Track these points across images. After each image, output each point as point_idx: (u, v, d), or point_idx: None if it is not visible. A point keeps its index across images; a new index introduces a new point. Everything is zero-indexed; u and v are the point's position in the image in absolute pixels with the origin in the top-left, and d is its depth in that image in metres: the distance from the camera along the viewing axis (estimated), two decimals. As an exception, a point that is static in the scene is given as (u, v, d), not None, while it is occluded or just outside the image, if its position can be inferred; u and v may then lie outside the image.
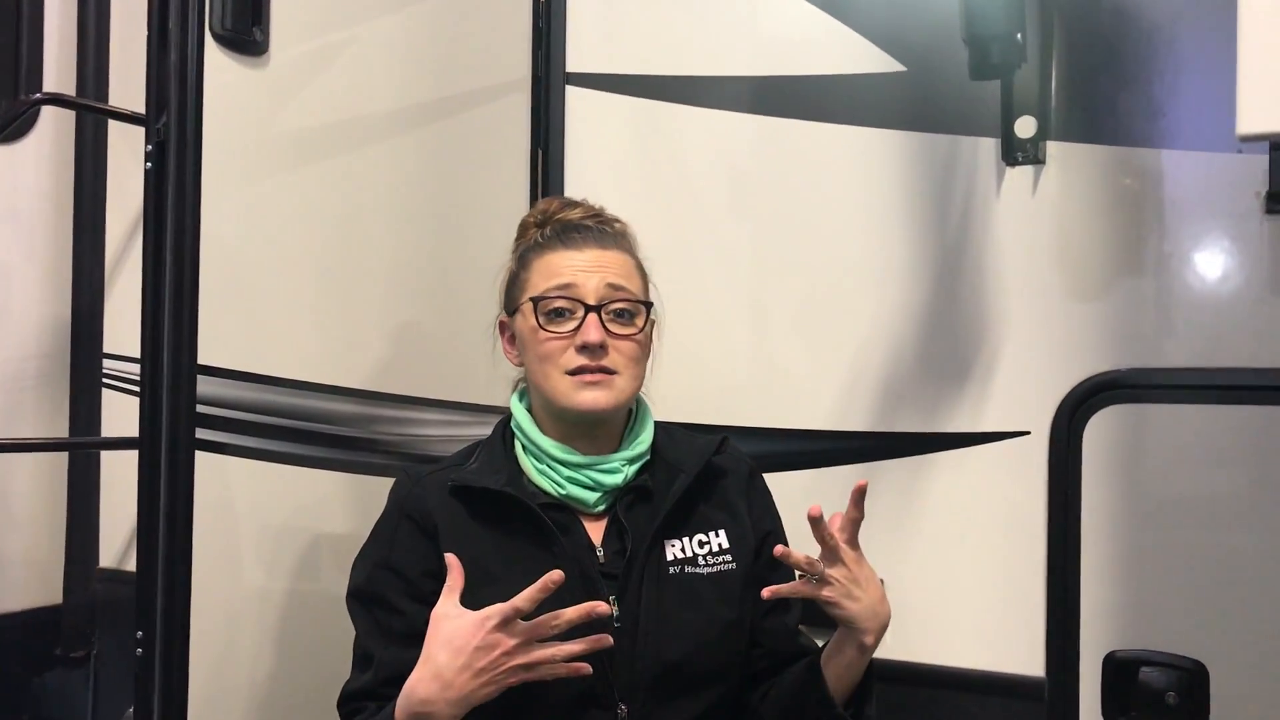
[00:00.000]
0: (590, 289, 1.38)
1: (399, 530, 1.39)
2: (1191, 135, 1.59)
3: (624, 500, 1.40)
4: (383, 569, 1.37)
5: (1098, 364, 1.63)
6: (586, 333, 1.36)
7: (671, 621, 1.34)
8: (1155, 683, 1.57)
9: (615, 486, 1.39)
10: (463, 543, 1.35)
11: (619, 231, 1.48)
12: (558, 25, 2.08)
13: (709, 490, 1.44)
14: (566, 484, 1.38)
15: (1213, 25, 1.57)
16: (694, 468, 1.42)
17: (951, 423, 1.74)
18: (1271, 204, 1.53)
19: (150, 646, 1.36)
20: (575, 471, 1.39)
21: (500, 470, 1.40)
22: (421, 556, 1.36)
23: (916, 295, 1.77)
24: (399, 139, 1.83)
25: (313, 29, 1.67)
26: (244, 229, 1.56)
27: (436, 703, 1.21)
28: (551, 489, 1.39)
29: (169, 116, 1.38)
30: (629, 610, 1.33)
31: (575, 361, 1.36)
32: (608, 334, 1.37)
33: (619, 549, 1.37)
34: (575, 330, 1.37)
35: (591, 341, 1.35)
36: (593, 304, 1.37)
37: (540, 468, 1.40)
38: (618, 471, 1.40)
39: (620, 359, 1.38)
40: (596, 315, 1.37)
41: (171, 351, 1.37)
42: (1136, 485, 1.61)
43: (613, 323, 1.38)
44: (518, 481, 1.39)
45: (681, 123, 1.96)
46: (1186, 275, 1.60)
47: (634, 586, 1.34)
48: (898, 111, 1.79)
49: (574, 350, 1.37)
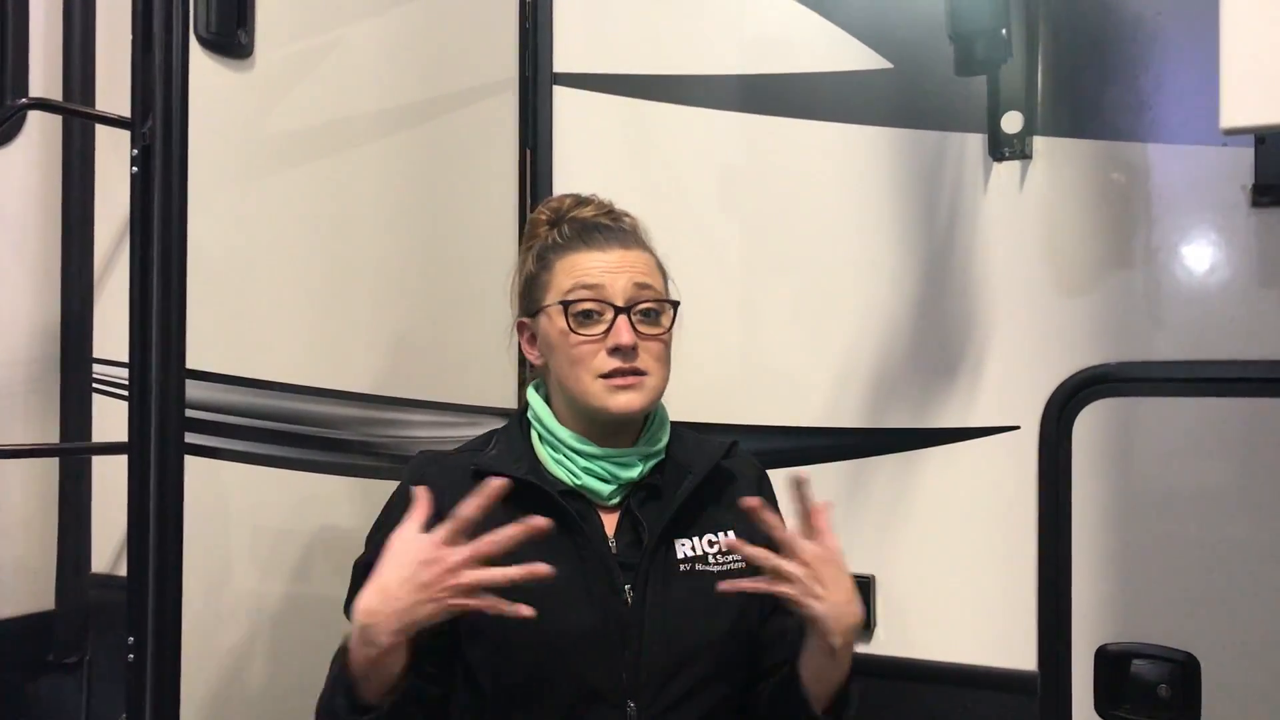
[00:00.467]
0: (618, 290, 1.38)
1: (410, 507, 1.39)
2: (1177, 129, 1.60)
3: (637, 495, 1.41)
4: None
5: (1086, 358, 1.64)
6: (618, 335, 1.36)
7: (681, 617, 1.35)
8: (1147, 675, 1.58)
9: (630, 480, 1.40)
10: (480, 529, 1.34)
11: (633, 228, 1.49)
12: (545, 25, 2.08)
13: (718, 493, 1.44)
14: (582, 474, 1.39)
15: (1197, 19, 1.58)
16: (703, 469, 1.42)
17: (942, 418, 1.74)
18: (1257, 196, 1.54)
19: (142, 652, 1.35)
20: (591, 462, 1.39)
21: (520, 459, 1.40)
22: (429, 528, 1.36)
23: (905, 291, 1.77)
24: (387, 140, 1.82)
25: (298, 31, 1.67)
26: (231, 232, 1.56)
27: (379, 614, 1.19)
28: (567, 479, 1.39)
29: (154, 120, 1.37)
30: (638, 604, 1.34)
31: (608, 365, 1.37)
32: (637, 334, 1.37)
33: (632, 541, 1.38)
34: (605, 333, 1.37)
35: (624, 344, 1.36)
36: (622, 305, 1.37)
37: (556, 457, 1.41)
38: (634, 465, 1.40)
39: (650, 359, 1.39)
40: (626, 317, 1.37)
41: (160, 355, 1.37)
42: (1126, 478, 1.62)
43: (641, 323, 1.38)
44: (537, 470, 1.40)
45: (669, 121, 1.96)
46: (1174, 269, 1.60)
47: (644, 580, 1.35)
48: (885, 108, 1.79)
49: (605, 353, 1.37)
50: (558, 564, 1.31)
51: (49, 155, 1.95)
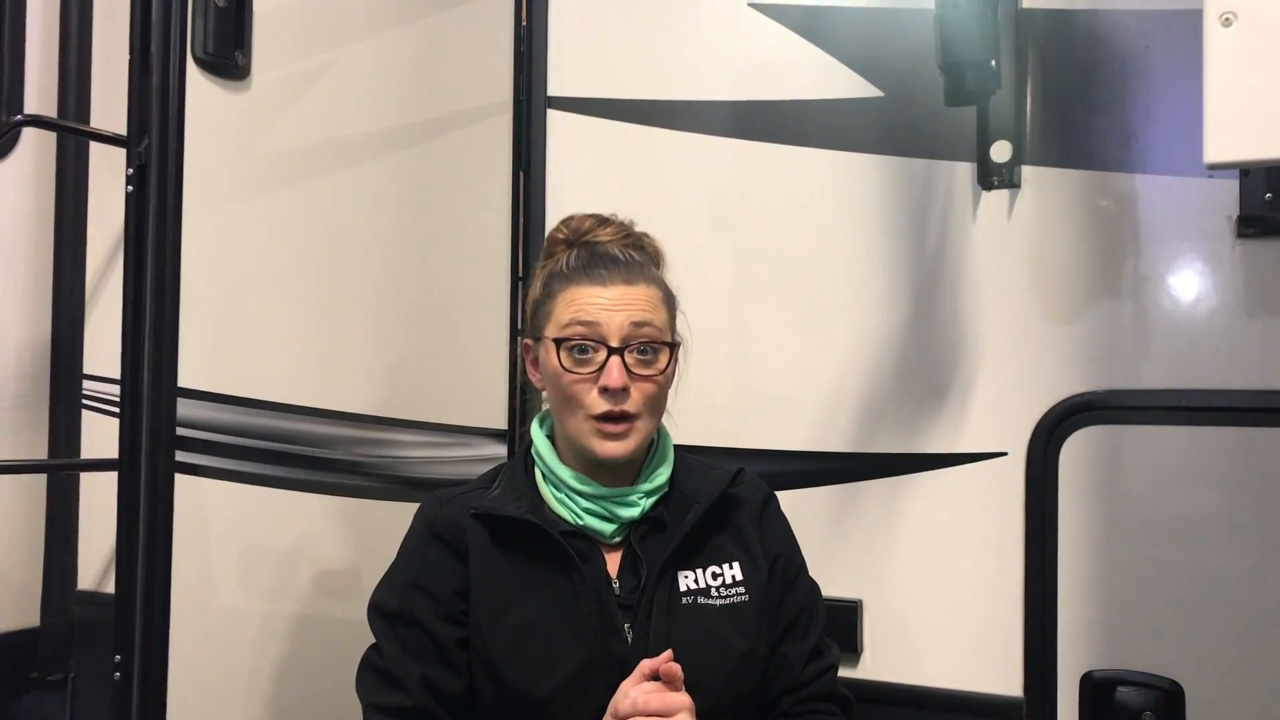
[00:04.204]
0: (614, 329, 1.35)
1: (429, 550, 1.38)
2: (1164, 160, 1.62)
3: (638, 531, 1.39)
4: (414, 589, 1.37)
5: (1073, 386, 1.65)
6: (608, 376, 1.34)
7: (683, 653, 1.31)
8: (1132, 702, 1.58)
9: (631, 519, 1.39)
10: (487, 568, 1.35)
11: (649, 253, 1.47)
12: (539, 49, 2.09)
13: (723, 521, 1.43)
14: (584, 515, 1.38)
15: (1184, 53, 1.60)
16: (708, 499, 1.40)
17: (929, 444, 1.75)
18: (1242, 228, 1.55)
19: (128, 669, 1.35)
20: (593, 503, 1.38)
21: (522, 497, 1.39)
22: (452, 576, 1.36)
23: (894, 317, 1.79)
24: (381, 162, 1.83)
25: (294, 53, 1.68)
26: (225, 252, 1.56)
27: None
28: (570, 517, 1.38)
29: (150, 139, 1.38)
30: (640, 640, 1.33)
31: (599, 407, 1.35)
32: (630, 375, 1.36)
33: (634, 580, 1.37)
34: (598, 371, 1.35)
35: (613, 386, 1.34)
36: (615, 345, 1.35)
37: (559, 496, 1.40)
38: (635, 505, 1.39)
39: (641, 400, 1.37)
40: (619, 358, 1.35)
41: (152, 373, 1.37)
42: (1112, 505, 1.63)
43: (636, 364, 1.36)
44: (539, 509, 1.39)
45: (662, 146, 1.98)
46: (1160, 298, 1.61)
47: (645, 616, 1.34)
48: (875, 136, 1.81)
49: (597, 392, 1.35)
50: (557, 604, 1.32)
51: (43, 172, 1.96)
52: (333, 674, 1.50)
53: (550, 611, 1.33)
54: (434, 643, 1.34)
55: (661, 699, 1.24)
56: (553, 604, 1.33)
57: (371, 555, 1.52)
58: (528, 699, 1.31)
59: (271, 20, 1.61)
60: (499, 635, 1.32)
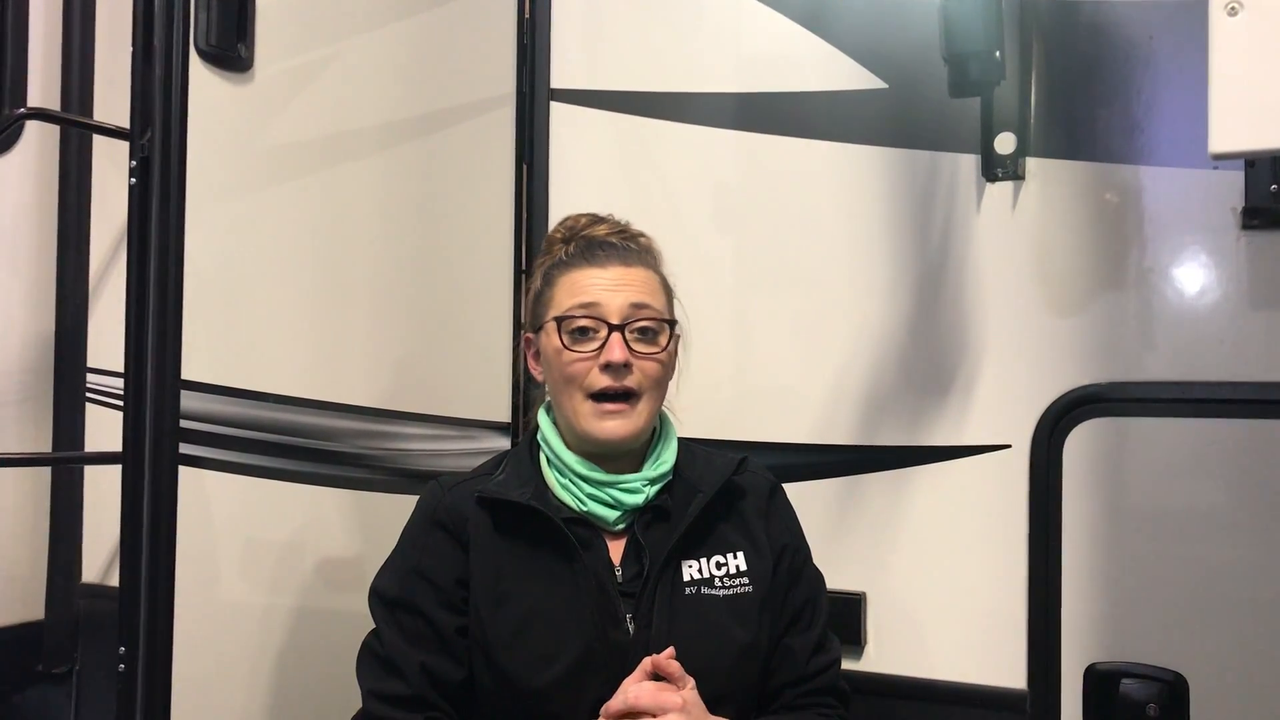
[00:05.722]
0: (614, 307, 1.37)
1: (430, 538, 1.39)
2: (1168, 151, 1.61)
3: (642, 519, 1.39)
4: (415, 576, 1.37)
5: (1077, 378, 1.65)
6: (610, 352, 1.35)
7: (684, 642, 1.32)
8: (1136, 695, 1.58)
9: (635, 506, 1.39)
10: (489, 556, 1.36)
11: (644, 247, 1.48)
12: (542, 42, 2.09)
13: (728, 511, 1.43)
14: (588, 500, 1.38)
15: (1188, 44, 1.59)
16: (712, 488, 1.40)
17: (933, 436, 1.75)
18: (1247, 219, 1.55)
19: (133, 663, 1.36)
20: (597, 489, 1.38)
21: (527, 483, 1.40)
22: (453, 564, 1.37)
23: (898, 310, 1.78)
24: (384, 154, 1.83)
25: (297, 45, 1.68)
26: (228, 244, 1.56)
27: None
28: (574, 504, 1.39)
29: (154, 132, 1.38)
30: (642, 630, 1.33)
31: (599, 383, 1.36)
32: (631, 353, 1.37)
33: (637, 568, 1.37)
34: (599, 350, 1.36)
35: (615, 361, 1.35)
36: (616, 323, 1.37)
37: (563, 482, 1.40)
38: (639, 491, 1.39)
39: (643, 379, 1.38)
40: (620, 334, 1.36)
41: (155, 366, 1.37)
42: (1116, 498, 1.62)
43: (637, 342, 1.38)
44: (543, 495, 1.39)
45: (665, 138, 1.97)
46: (1165, 290, 1.61)
47: (647, 607, 1.34)
48: (879, 128, 1.80)
49: (598, 370, 1.36)
50: (558, 592, 1.33)
51: (46, 165, 1.96)
52: (336, 665, 1.50)
53: (551, 600, 1.33)
54: (434, 631, 1.35)
55: (653, 696, 1.25)
56: (554, 592, 1.33)
57: (375, 547, 1.52)
58: (526, 689, 1.31)
59: (274, 12, 1.61)
60: (499, 625, 1.33)
